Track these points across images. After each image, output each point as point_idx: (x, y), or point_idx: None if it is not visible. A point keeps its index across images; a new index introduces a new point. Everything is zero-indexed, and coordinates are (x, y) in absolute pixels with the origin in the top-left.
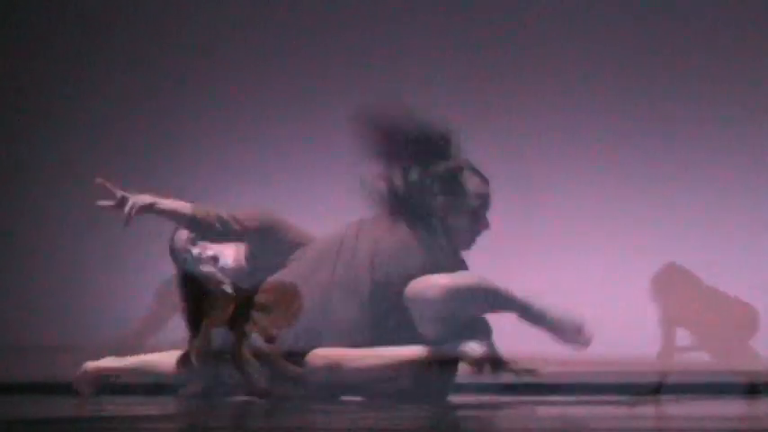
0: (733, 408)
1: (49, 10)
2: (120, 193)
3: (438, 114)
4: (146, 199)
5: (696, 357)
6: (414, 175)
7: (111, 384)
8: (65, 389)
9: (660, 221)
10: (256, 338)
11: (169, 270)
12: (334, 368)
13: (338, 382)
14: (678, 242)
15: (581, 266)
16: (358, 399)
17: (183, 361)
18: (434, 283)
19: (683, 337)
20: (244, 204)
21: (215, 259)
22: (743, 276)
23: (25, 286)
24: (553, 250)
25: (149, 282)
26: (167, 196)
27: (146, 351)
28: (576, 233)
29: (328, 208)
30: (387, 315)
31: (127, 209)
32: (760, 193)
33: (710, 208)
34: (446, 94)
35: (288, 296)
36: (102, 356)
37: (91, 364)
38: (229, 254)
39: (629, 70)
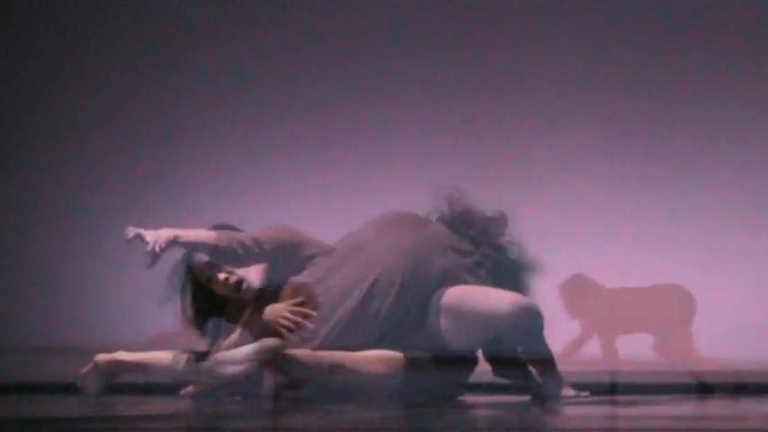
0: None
1: (50, 12)
2: (147, 235)
3: None
4: (168, 234)
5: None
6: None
7: (113, 384)
8: (65, 389)
9: (660, 222)
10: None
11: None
12: (331, 369)
13: (335, 383)
14: (677, 243)
15: (580, 266)
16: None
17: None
18: (502, 298)
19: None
20: (245, 209)
21: (240, 283)
22: (743, 277)
23: (25, 287)
24: (552, 250)
25: (150, 282)
26: (168, 197)
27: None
28: (575, 233)
29: (330, 210)
30: (402, 316)
31: (152, 247)
32: (760, 194)
33: (710, 208)
34: (446, 94)
35: (304, 297)
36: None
37: (102, 357)
38: (254, 278)
39: (626, 70)
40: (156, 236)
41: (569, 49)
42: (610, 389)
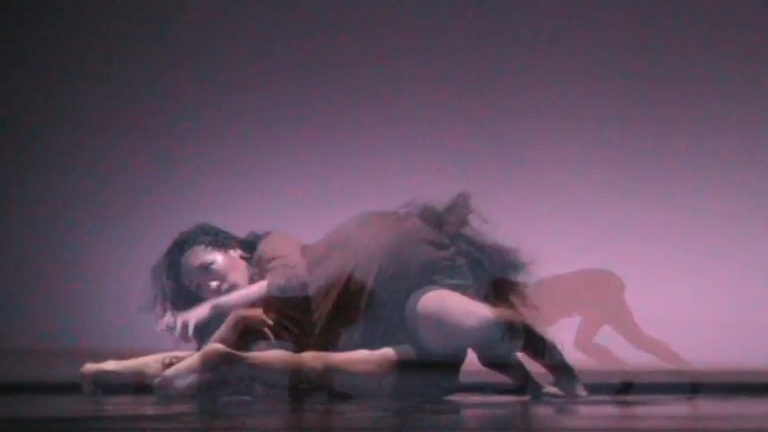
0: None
1: (49, 11)
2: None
3: None
4: (202, 312)
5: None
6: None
7: (111, 385)
8: (64, 388)
9: (659, 222)
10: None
11: None
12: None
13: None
14: (674, 244)
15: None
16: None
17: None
18: (470, 312)
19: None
20: (242, 210)
21: (231, 289)
22: (743, 276)
23: (25, 288)
24: (549, 251)
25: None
26: (167, 198)
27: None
28: (572, 233)
29: (323, 213)
30: (382, 312)
31: (177, 333)
32: (760, 193)
33: (707, 207)
34: (444, 94)
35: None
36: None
37: (88, 367)
38: (243, 282)
39: (626, 70)
40: (182, 321)
41: (566, 50)
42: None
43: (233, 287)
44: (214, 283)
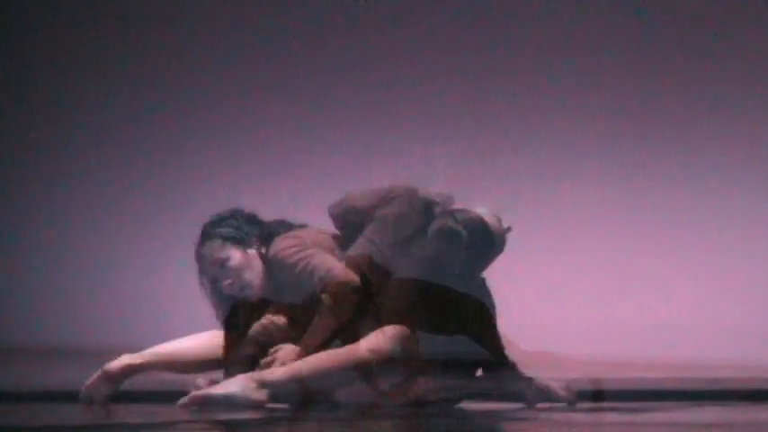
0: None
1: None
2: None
3: None
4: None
5: None
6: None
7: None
8: (64, 396)
9: (656, 223)
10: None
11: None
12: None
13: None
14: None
15: (577, 267)
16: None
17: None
18: None
19: None
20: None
21: (243, 288)
22: (740, 277)
23: (25, 289)
24: (550, 253)
25: (151, 285)
26: (168, 197)
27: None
28: (574, 235)
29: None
30: None
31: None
32: (759, 194)
33: (710, 211)
34: (442, 95)
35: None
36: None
37: (113, 365)
38: (257, 283)
39: (628, 70)
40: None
41: (572, 48)
42: (597, 396)
43: (245, 287)
44: (227, 282)
